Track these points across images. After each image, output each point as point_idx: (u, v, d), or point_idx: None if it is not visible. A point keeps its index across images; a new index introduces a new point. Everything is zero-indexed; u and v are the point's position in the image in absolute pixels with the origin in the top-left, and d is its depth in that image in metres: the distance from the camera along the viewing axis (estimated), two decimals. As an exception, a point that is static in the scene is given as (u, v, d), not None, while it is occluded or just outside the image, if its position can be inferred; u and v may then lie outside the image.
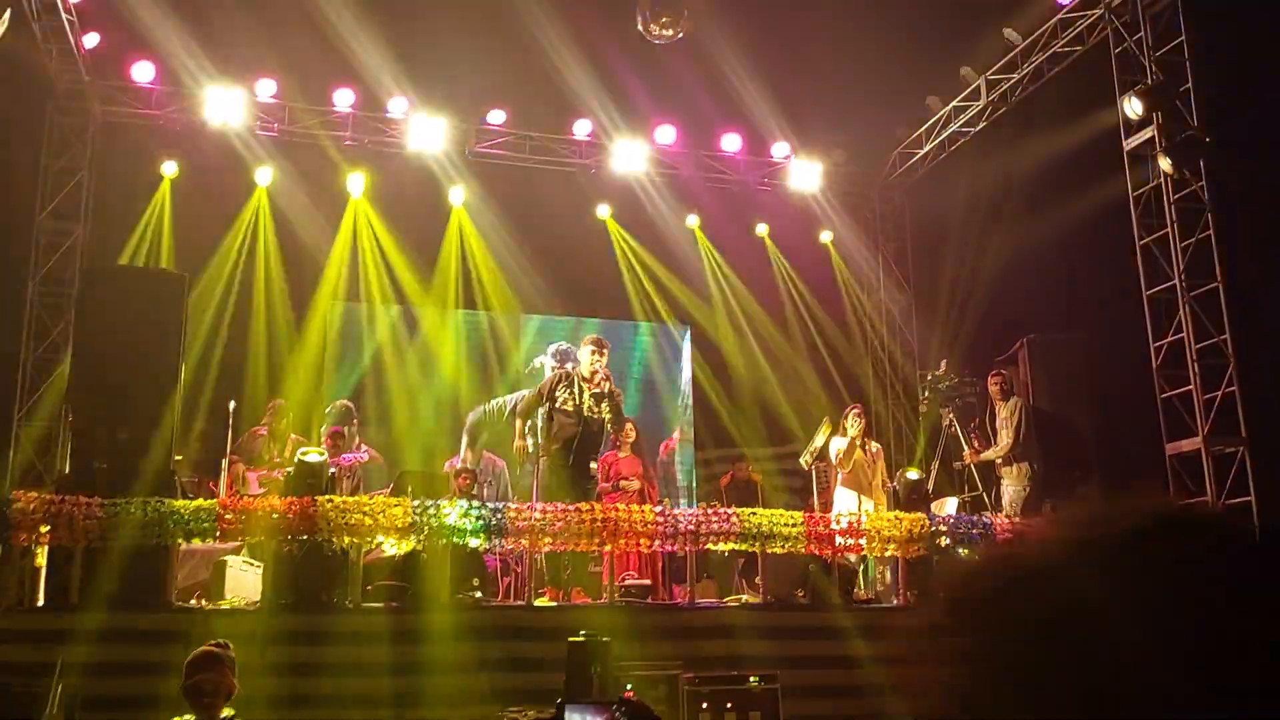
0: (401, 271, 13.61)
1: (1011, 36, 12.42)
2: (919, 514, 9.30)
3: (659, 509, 8.91)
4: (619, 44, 11.91)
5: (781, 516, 8.90)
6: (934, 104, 13.98)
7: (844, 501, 10.27)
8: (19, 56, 10.35)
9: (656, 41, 10.71)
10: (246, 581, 8.51)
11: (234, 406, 10.18)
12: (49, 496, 7.87)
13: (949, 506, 10.61)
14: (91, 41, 11.87)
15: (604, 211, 14.50)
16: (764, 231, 15.15)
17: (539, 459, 9.45)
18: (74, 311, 11.03)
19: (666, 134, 14.12)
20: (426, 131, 13.08)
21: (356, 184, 13.47)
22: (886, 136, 14.89)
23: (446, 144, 13.31)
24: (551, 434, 9.35)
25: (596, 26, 12.09)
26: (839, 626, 8.72)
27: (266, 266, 12.94)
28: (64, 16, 11.04)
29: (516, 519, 8.33)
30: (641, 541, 8.61)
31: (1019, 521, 9.49)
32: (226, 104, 12.35)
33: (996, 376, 10.81)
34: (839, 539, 8.90)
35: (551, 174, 14.15)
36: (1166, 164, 10.40)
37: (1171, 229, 10.59)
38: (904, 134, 14.71)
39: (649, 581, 9.42)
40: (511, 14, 11.66)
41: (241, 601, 8.22)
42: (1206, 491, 10.04)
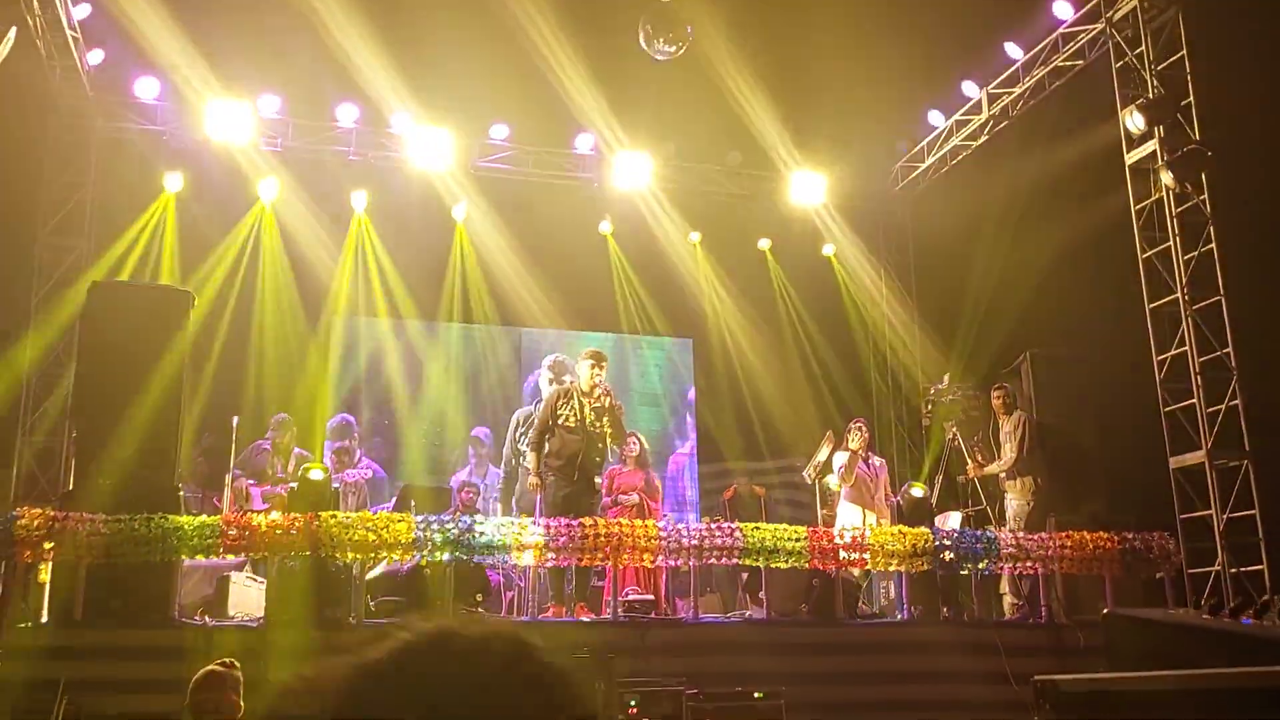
0: (404, 286, 13.62)
1: (1013, 51, 12.47)
2: (923, 529, 9.29)
3: (662, 524, 8.90)
4: (621, 59, 11.95)
5: (785, 531, 8.89)
6: (935, 118, 14.00)
7: (848, 516, 10.26)
8: (23, 73, 10.39)
9: (658, 58, 10.75)
10: (250, 597, 8.51)
11: (237, 422, 10.19)
12: (53, 513, 7.87)
13: (952, 521, 10.59)
14: (96, 58, 11.91)
15: (606, 226, 14.53)
16: (766, 246, 15.17)
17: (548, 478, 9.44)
18: (78, 327, 11.06)
19: (668, 149, 14.15)
20: (429, 146, 13.10)
21: (360, 199, 13.51)
22: (888, 150, 14.91)
23: (449, 159, 13.33)
24: (555, 450, 9.35)
25: (599, 41, 12.13)
26: (843, 642, 8.72)
27: (270, 281, 12.95)
28: (68, 34, 11.08)
29: (520, 534, 8.33)
30: (645, 557, 8.60)
31: (1023, 536, 9.47)
32: (230, 119, 12.37)
33: (999, 390, 10.80)
34: (843, 554, 8.89)
35: (554, 188, 14.17)
36: (1168, 177, 10.41)
37: (1174, 242, 10.60)
38: (906, 148, 14.73)
39: (652, 596, 9.41)
40: (515, 29, 11.70)
41: (245, 617, 8.21)
42: (1210, 505, 10.03)
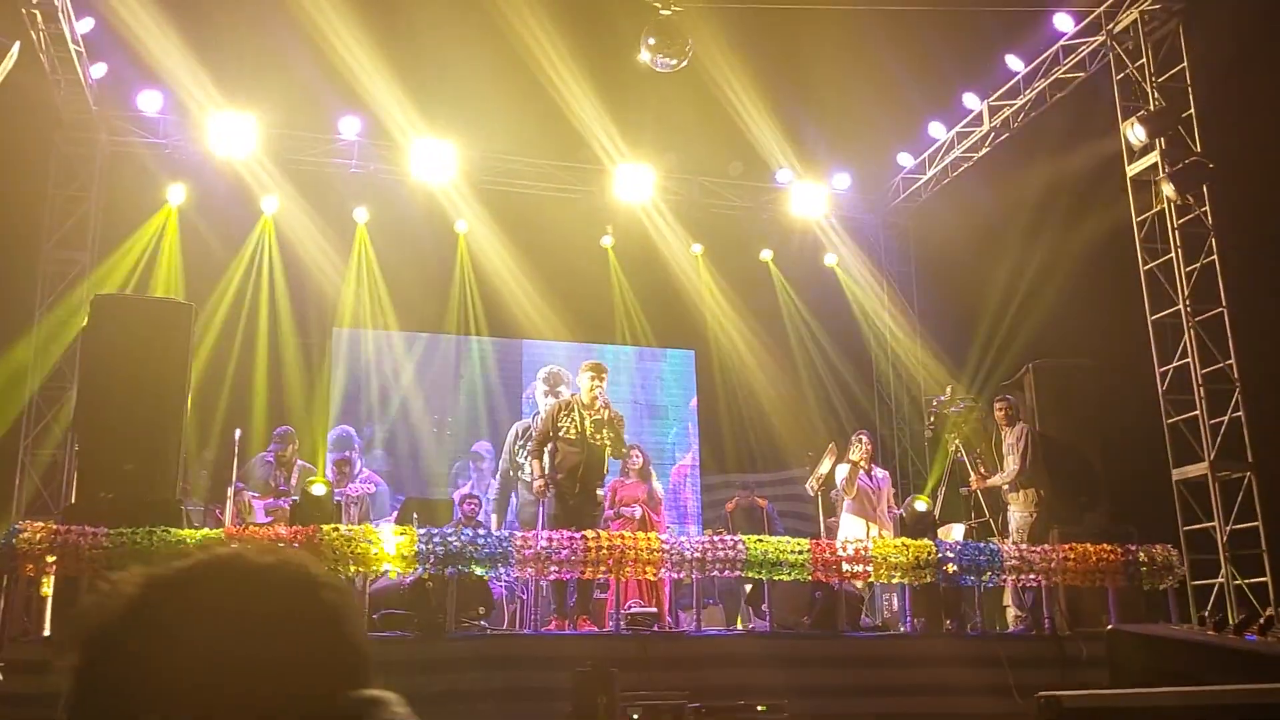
0: (407, 298, 13.65)
1: (1014, 64, 12.50)
2: (925, 540, 9.28)
3: (665, 536, 8.90)
4: (622, 72, 11.98)
5: (788, 544, 8.88)
6: (936, 129, 14.03)
7: (851, 528, 10.25)
8: (27, 87, 10.41)
9: (660, 70, 10.78)
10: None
11: (240, 435, 10.20)
12: (55, 526, 7.87)
13: (955, 533, 10.58)
14: (99, 72, 11.96)
15: (608, 238, 14.56)
16: (768, 257, 15.19)
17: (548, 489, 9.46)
18: (81, 341, 11.08)
19: (670, 160, 14.19)
20: (432, 159, 13.13)
21: (362, 211, 13.55)
22: (889, 162, 14.95)
23: (452, 171, 13.36)
24: (556, 463, 9.36)
25: (601, 54, 12.17)
26: (846, 654, 8.70)
27: (272, 294, 12.98)
28: (72, 48, 11.12)
29: (522, 547, 8.32)
30: (647, 569, 8.59)
31: (1026, 548, 9.46)
32: (233, 132, 12.41)
33: (1002, 402, 10.79)
34: (845, 566, 8.88)
35: (556, 200, 14.21)
36: (1170, 189, 10.43)
37: (1175, 254, 10.61)
38: (907, 160, 14.76)
39: (655, 609, 9.39)
40: (516, 42, 11.74)
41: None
42: (1213, 517, 10.02)
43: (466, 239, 14.01)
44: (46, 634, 7.89)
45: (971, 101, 13.44)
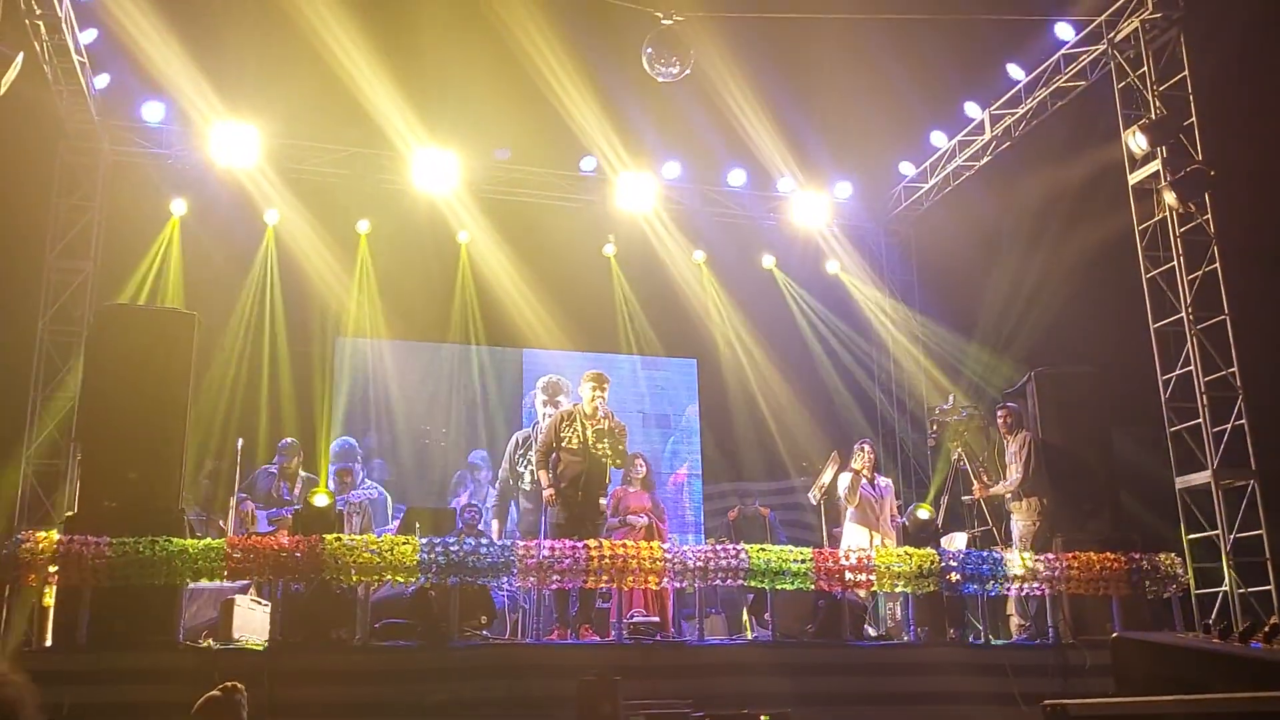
0: (409, 308, 13.66)
1: (1015, 73, 12.53)
2: (929, 549, 9.26)
3: (667, 545, 8.89)
4: (625, 81, 12.00)
5: (790, 553, 8.87)
6: (938, 139, 14.04)
7: (854, 537, 10.24)
8: (31, 97, 10.43)
9: (661, 79, 10.79)
10: (255, 620, 8.50)
11: (242, 444, 10.20)
12: (57, 536, 7.87)
13: (958, 542, 10.56)
14: (102, 82, 11.98)
15: (610, 247, 14.57)
16: (771, 264, 15.19)
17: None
18: (83, 350, 11.08)
19: (672, 170, 14.20)
20: (433, 168, 13.14)
21: (364, 221, 13.56)
22: (891, 171, 14.95)
23: (454, 181, 13.37)
24: (559, 472, 9.38)
25: (602, 63, 12.19)
26: (849, 663, 8.69)
27: (274, 304, 12.99)
28: (75, 58, 11.14)
29: (525, 556, 8.32)
30: (650, 578, 8.58)
31: (1030, 556, 9.44)
32: (236, 143, 12.42)
33: (1005, 410, 10.78)
34: (848, 575, 8.86)
35: (558, 210, 14.23)
36: (1171, 198, 10.43)
37: (1178, 262, 10.61)
38: (909, 168, 14.77)
39: (657, 618, 9.38)
40: (518, 52, 11.77)
41: (250, 640, 8.20)
42: (1217, 525, 10.00)
43: (468, 248, 14.01)
44: (48, 644, 7.89)
45: (973, 110, 13.45)
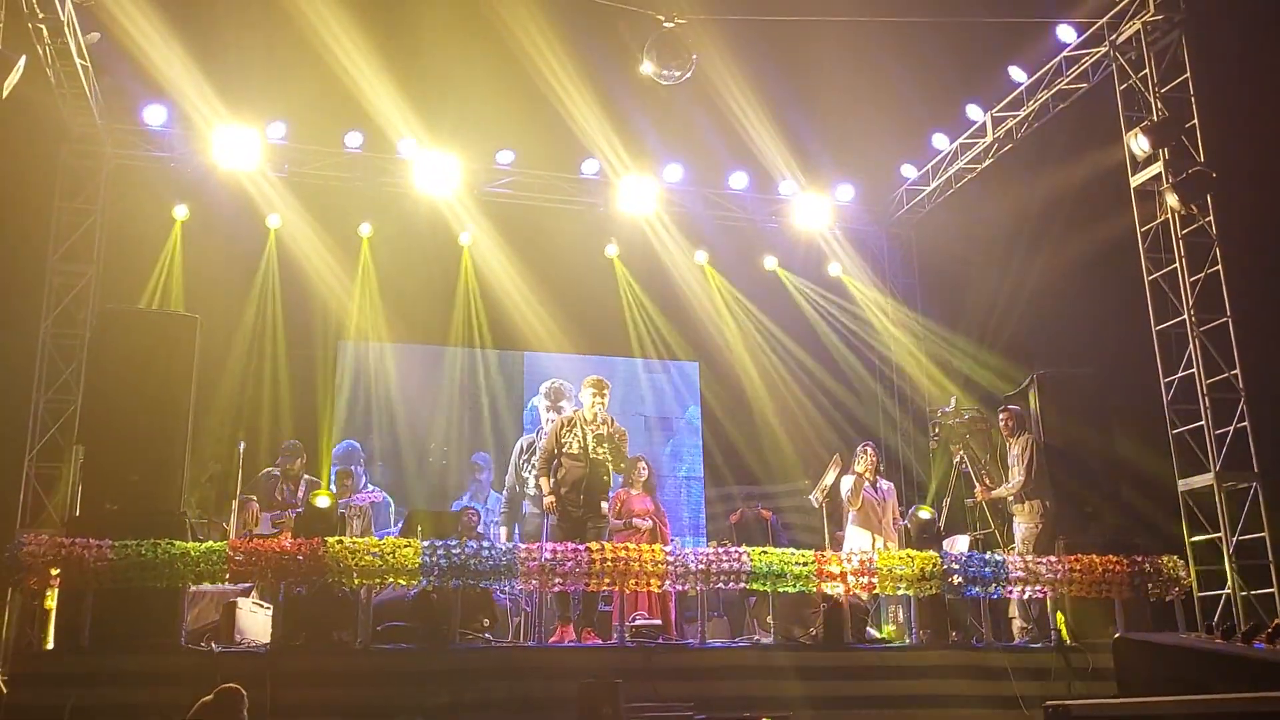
0: (411, 311, 13.66)
1: (1017, 75, 12.52)
2: (931, 552, 9.25)
3: (670, 548, 8.88)
4: (626, 84, 12.01)
5: (792, 555, 8.86)
6: (939, 141, 14.03)
7: (856, 540, 10.22)
8: (33, 101, 10.45)
9: (663, 82, 10.80)
10: (257, 622, 8.49)
11: (243, 447, 10.20)
12: (60, 539, 7.87)
13: (961, 544, 10.54)
14: (105, 86, 11.98)
15: (612, 250, 14.57)
16: (772, 267, 15.19)
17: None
18: (86, 353, 11.09)
19: (674, 172, 14.20)
20: (436, 172, 13.15)
21: (366, 224, 13.57)
22: (893, 173, 14.94)
23: (456, 184, 13.38)
24: (560, 477, 9.44)
25: (604, 67, 12.20)
26: (851, 666, 8.67)
27: (276, 307, 12.99)
28: (78, 62, 11.15)
29: (527, 559, 8.31)
30: (652, 581, 8.57)
31: (1032, 559, 9.43)
32: (238, 146, 12.44)
33: (1006, 413, 10.77)
34: (850, 578, 8.85)
35: (560, 213, 14.23)
36: (1174, 199, 10.42)
37: (1180, 264, 10.60)
38: (910, 171, 14.76)
39: (660, 621, 9.38)
40: (520, 55, 11.78)
41: (252, 643, 8.19)
42: (1220, 527, 9.98)
43: (470, 251, 14.02)
44: (50, 646, 7.89)
45: (975, 113, 13.44)
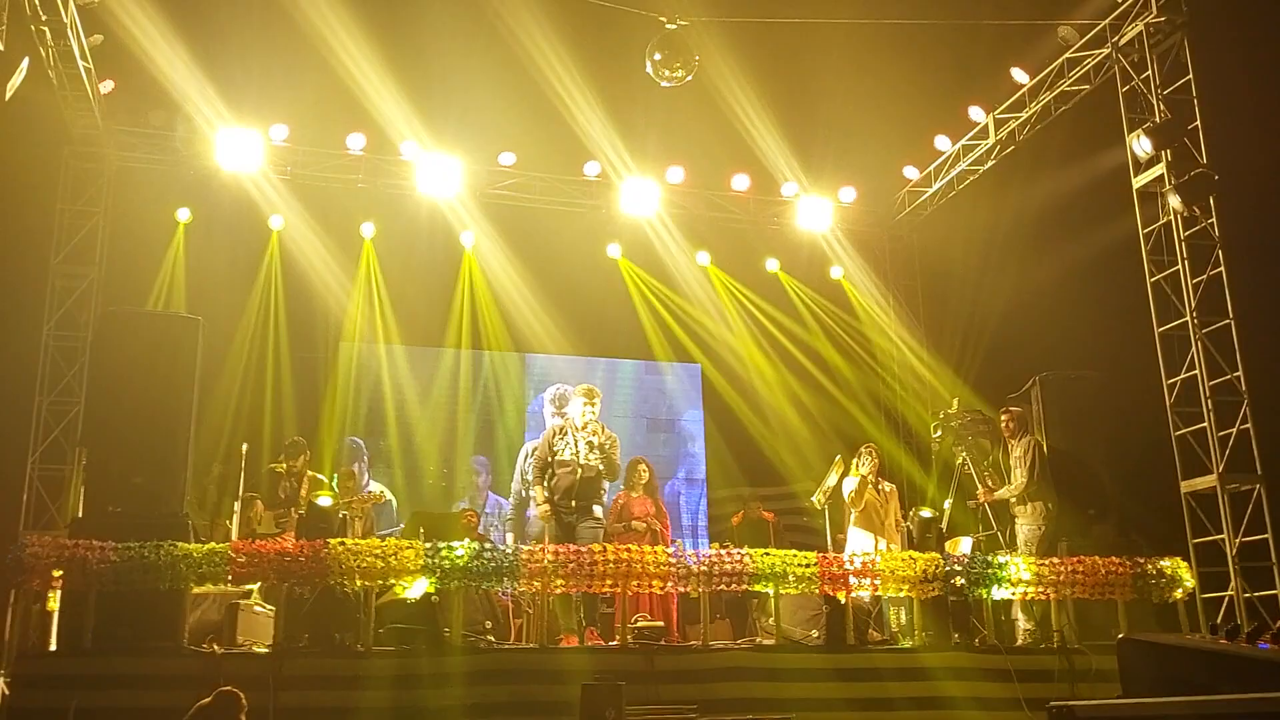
0: (413, 312, 13.66)
1: (1019, 77, 12.52)
2: (933, 554, 9.24)
3: (672, 550, 8.87)
4: (629, 86, 12.01)
5: (795, 557, 8.85)
6: (942, 143, 14.03)
7: (858, 541, 10.22)
8: (36, 103, 10.46)
9: (665, 84, 10.80)
10: (259, 624, 8.49)
11: (246, 449, 10.20)
12: (62, 540, 7.87)
13: (963, 546, 10.53)
14: (107, 88, 11.99)
15: (614, 252, 14.57)
16: (775, 268, 15.18)
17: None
18: (89, 356, 11.10)
19: (676, 174, 14.20)
20: (438, 174, 13.16)
21: (369, 226, 13.58)
22: (895, 175, 14.94)
23: (458, 186, 13.39)
24: (553, 485, 9.72)
25: (606, 68, 12.20)
26: (854, 668, 8.66)
27: (280, 309, 13.01)
28: (80, 64, 11.16)
29: (529, 561, 8.31)
30: (654, 583, 8.57)
31: (1035, 561, 9.42)
32: (240, 148, 12.46)
33: (1009, 415, 10.76)
34: (853, 579, 8.84)
35: (562, 215, 14.23)
36: (1176, 201, 10.41)
37: (1182, 266, 10.58)
38: (912, 173, 14.75)
39: (662, 623, 9.37)
40: (523, 56, 11.78)
41: (255, 645, 8.19)
42: (1223, 529, 9.97)
43: (472, 253, 14.03)
44: (53, 648, 7.88)
45: (977, 114, 13.44)
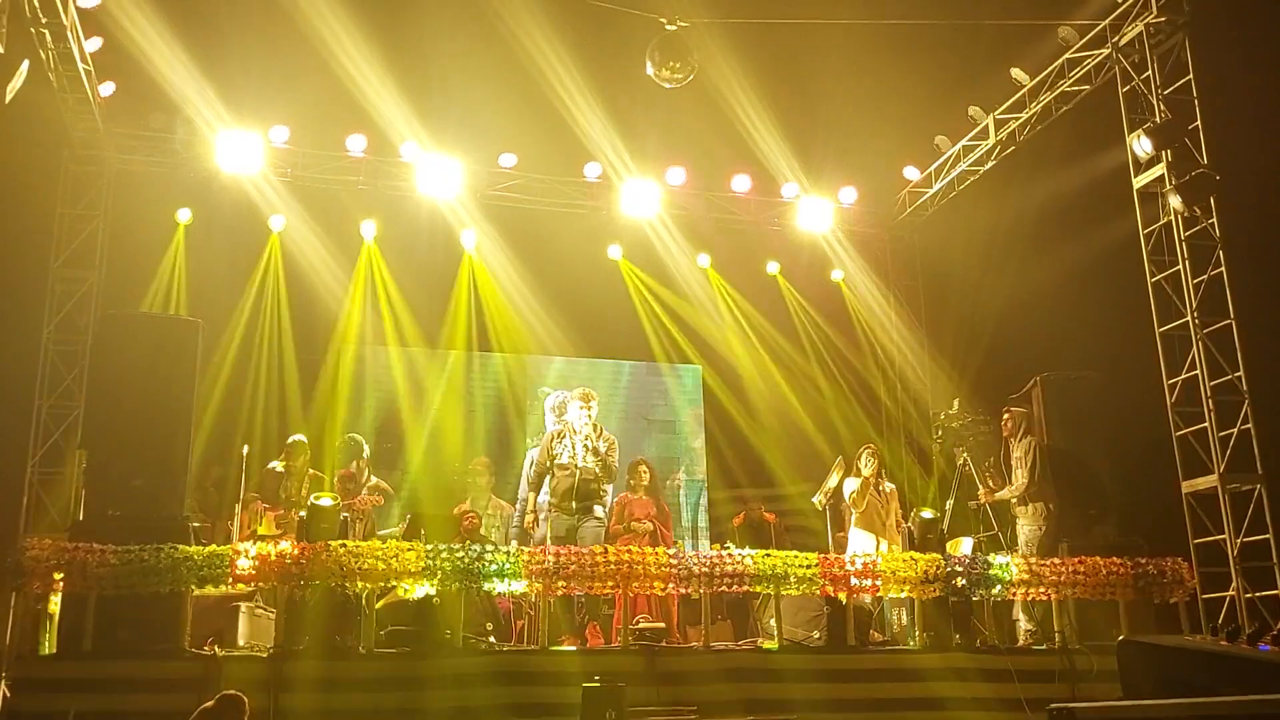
0: (413, 314, 13.65)
1: (1020, 77, 12.49)
2: (934, 554, 9.24)
3: (673, 551, 8.87)
4: (629, 87, 12.01)
5: (796, 558, 8.85)
6: (942, 143, 14.02)
7: (859, 542, 10.22)
8: (36, 106, 10.46)
9: (666, 85, 10.80)
10: (260, 627, 8.49)
11: (247, 451, 10.20)
12: (62, 543, 7.87)
13: (964, 547, 10.53)
14: (108, 90, 11.99)
15: (615, 253, 14.56)
16: (775, 270, 15.18)
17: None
18: (88, 359, 11.10)
19: (677, 175, 14.19)
20: (439, 175, 13.16)
21: (369, 228, 13.57)
22: (896, 176, 14.93)
23: (458, 187, 13.39)
24: (552, 487, 10.03)
25: (607, 69, 12.20)
26: (855, 669, 8.66)
27: (280, 311, 13.00)
28: (80, 67, 11.15)
29: (531, 562, 8.30)
30: (655, 584, 8.56)
31: (1036, 561, 9.42)
32: (241, 150, 12.45)
33: (1010, 415, 10.76)
34: (854, 580, 8.84)
35: (563, 216, 14.22)
36: (1177, 201, 10.41)
37: (1183, 266, 10.58)
38: (913, 173, 14.75)
39: (663, 624, 9.37)
40: (523, 58, 11.78)
41: (256, 647, 8.19)
42: (1224, 529, 9.96)
43: (473, 255, 14.02)
44: (53, 651, 7.88)
45: (977, 115, 13.43)
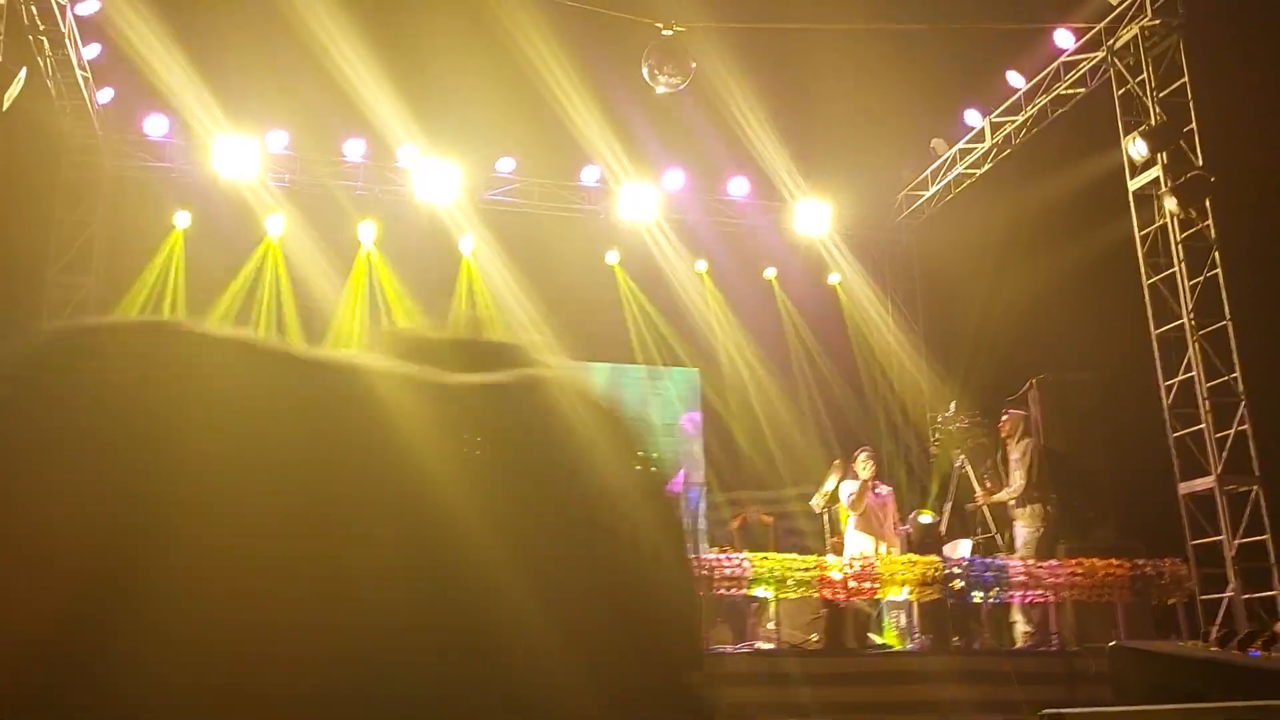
0: (411, 319, 13.66)
1: (938, 146, 12.67)
2: (932, 557, 9.26)
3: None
4: (627, 91, 12.03)
5: (794, 561, 8.87)
6: (939, 146, 14.05)
7: (857, 545, 10.23)
8: (33, 112, 10.47)
9: (662, 90, 10.82)
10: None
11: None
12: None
13: (962, 549, 10.55)
14: (105, 97, 12.01)
15: (613, 257, 14.58)
16: (772, 275, 15.20)
17: None
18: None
19: (675, 179, 14.21)
20: (436, 179, 13.18)
21: (367, 233, 13.58)
22: (893, 179, 14.95)
23: (456, 192, 13.41)
24: None
25: (605, 74, 12.22)
26: (854, 672, 8.67)
27: (278, 316, 13.01)
28: (78, 73, 11.18)
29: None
30: (654, 588, 8.56)
31: (1033, 563, 9.43)
32: (238, 155, 12.47)
33: (1007, 416, 10.78)
34: (852, 583, 8.86)
35: (561, 220, 14.24)
36: (1172, 203, 10.43)
37: (1179, 268, 10.61)
38: (910, 176, 14.77)
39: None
40: (521, 62, 11.79)
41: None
42: (1221, 530, 9.98)
43: (471, 259, 14.03)
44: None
45: (973, 118, 13.47)
